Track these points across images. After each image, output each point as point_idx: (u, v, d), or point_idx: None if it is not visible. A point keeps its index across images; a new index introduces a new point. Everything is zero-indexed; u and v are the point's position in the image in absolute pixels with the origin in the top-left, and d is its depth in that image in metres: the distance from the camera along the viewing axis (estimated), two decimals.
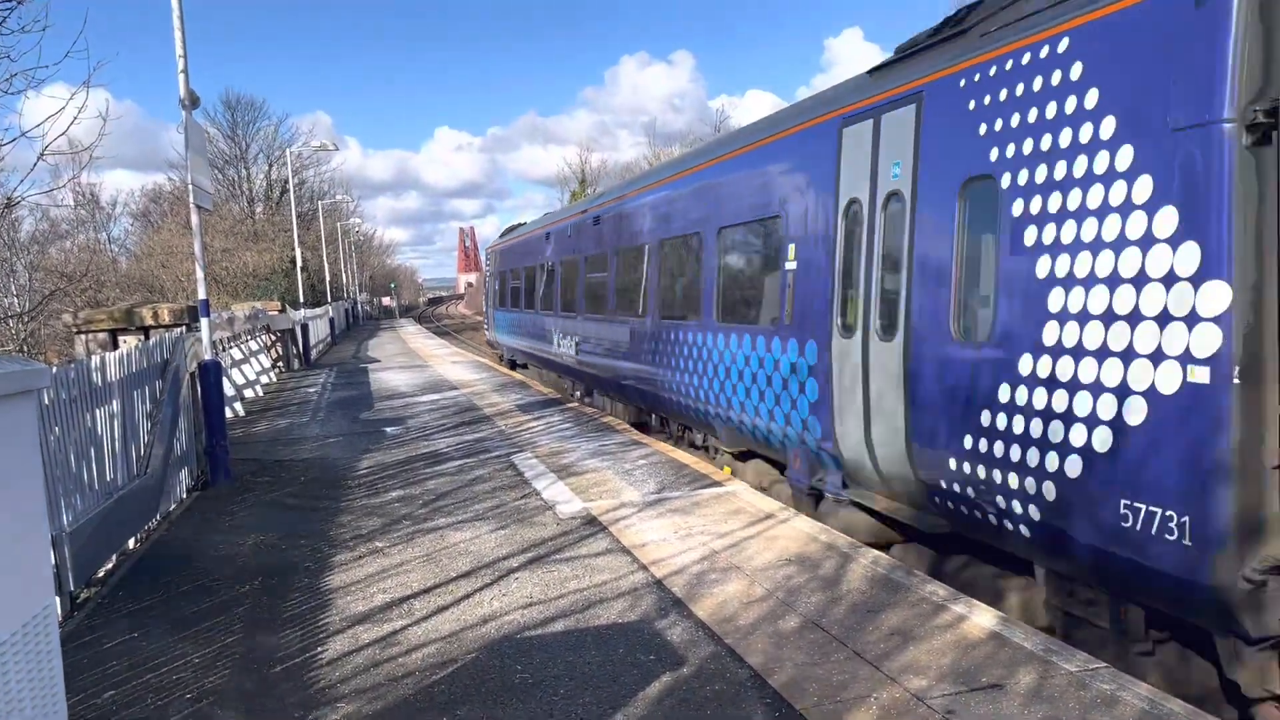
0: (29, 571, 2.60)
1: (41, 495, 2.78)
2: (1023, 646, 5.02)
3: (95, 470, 7.82)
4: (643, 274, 12.83)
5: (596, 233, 15.45)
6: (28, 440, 2.68)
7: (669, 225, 11.91)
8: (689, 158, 12.14)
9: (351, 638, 5.82)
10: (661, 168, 14.57)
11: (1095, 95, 5.13)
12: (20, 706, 2.49)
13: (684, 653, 5.26)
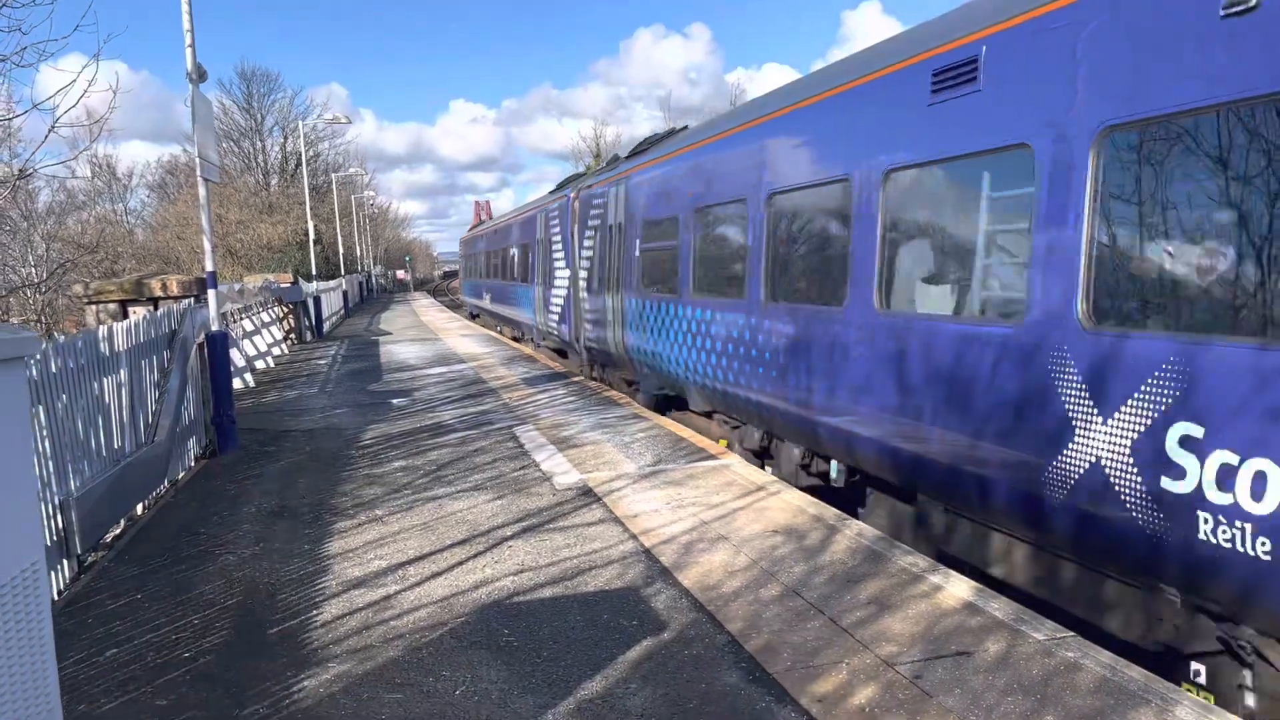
0: (16, 529, 2.75)
1: (30, 457, 2.92)
2: (994, 616, 5.15)
3: (103, 438, 8.01)
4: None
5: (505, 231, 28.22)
6: (17, 404, 2.82)
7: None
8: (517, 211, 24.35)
9: (346, 602, 6.00)
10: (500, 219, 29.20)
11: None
12: (7, 661, 2.64)
13: (666, 618, 5.41)
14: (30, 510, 2.91)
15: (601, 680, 4.69)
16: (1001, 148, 5.85)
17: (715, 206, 10.54)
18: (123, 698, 4.81)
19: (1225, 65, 4.41)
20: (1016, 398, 5.59)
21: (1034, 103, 5.58)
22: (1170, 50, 4.70)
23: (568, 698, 4.53)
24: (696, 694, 4.50)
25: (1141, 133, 4.92)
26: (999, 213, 6.17)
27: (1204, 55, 4.52)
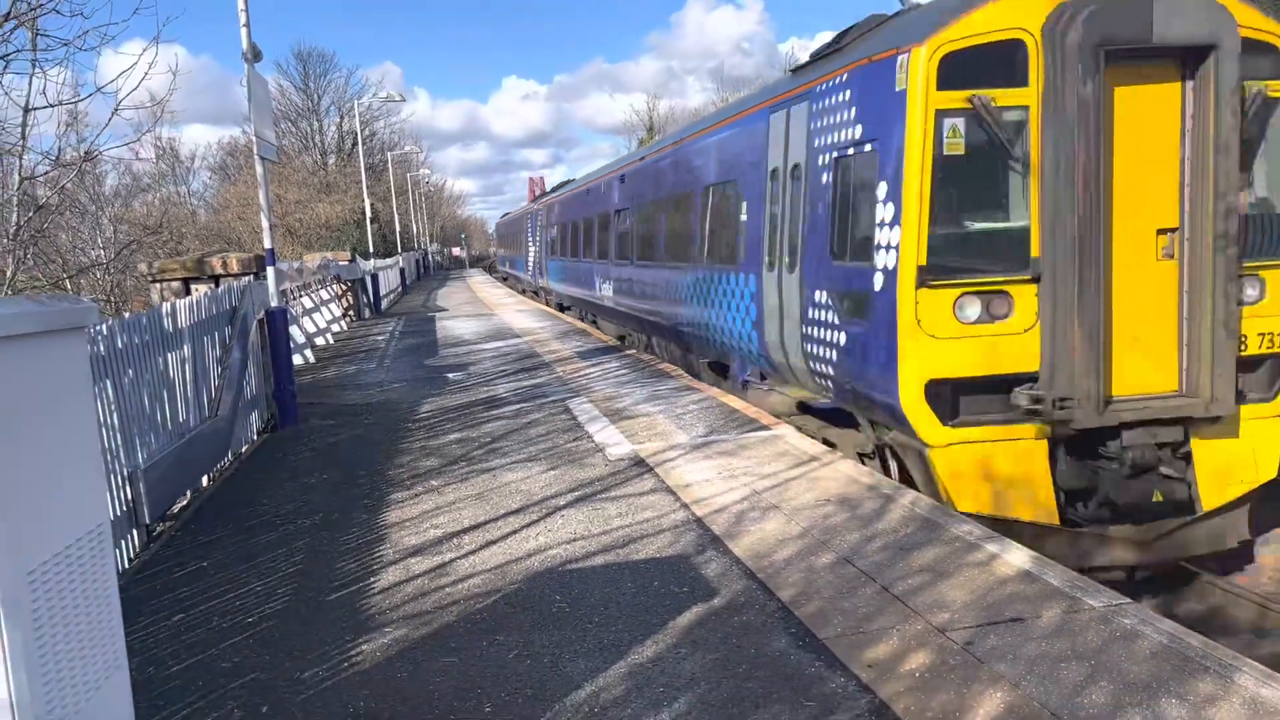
0: (80, 491, 2.84)
1: (93, 426, 3.01)
2: (1050, 584, 5.08)
3: (168, 411, 8.24)
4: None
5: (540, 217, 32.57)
6: (78, 370, 2.91)
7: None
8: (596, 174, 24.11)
9: (403, 569, 6.12)
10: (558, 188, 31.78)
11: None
12: (75, 617, 2.74)
13: (717, 586, 5.43)
14: (95, 475, 3.01)
15: (652, 645, 4.73)
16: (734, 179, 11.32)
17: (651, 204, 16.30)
18: (189, 660, 4.97)
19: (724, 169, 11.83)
20: (741, 301, 10.93)
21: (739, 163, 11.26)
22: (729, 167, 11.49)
23: (619, 662, 4.58)
24: (746, 659, 4.51)
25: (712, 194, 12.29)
26: (740, 210, 11.13)
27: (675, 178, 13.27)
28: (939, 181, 7.21)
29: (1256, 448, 7.59)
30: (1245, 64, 7.07)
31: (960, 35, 7.15)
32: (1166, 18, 6.86)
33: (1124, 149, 7.22)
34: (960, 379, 7.28)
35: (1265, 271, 7.47)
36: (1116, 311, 7.23)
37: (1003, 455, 7.33)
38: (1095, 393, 7.03)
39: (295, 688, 4.58)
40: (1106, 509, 7.50)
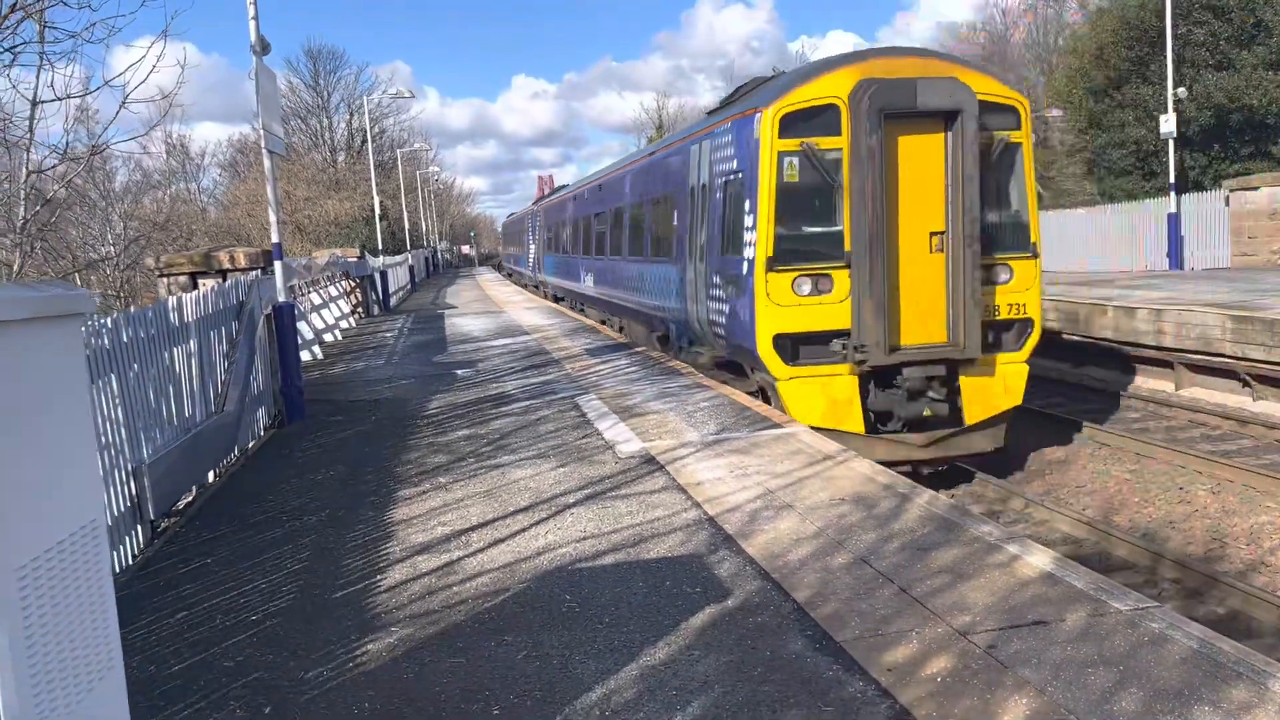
0: (74, 485, 2.73)
1: (88, 418, 2.90)
2: (1074, 586, 4.94)
3: (174, 407, 8.15)
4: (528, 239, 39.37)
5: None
6: (73, 360, 2.80)
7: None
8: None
9: (410, 567, 6.01)
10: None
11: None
12: (67, 616, 2.63)
13: (730, 586, 5.31)
14: (90, 469, 2.90)
15: (664, 647, 4.61)
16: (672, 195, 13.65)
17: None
18: (192, 659, 4.87)
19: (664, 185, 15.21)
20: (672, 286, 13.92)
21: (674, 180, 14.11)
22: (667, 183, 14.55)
23: (630, 664, 4.46)
24: (761, 661, 4.39)
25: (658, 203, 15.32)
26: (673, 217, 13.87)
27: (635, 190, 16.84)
28: (780, 200, 10.40)
29: (1008, 383, 10.90)
30: (991, 120, 10.39)
31: (795, 100, 10.37)
32: (926, 92, 9.97)
33: (906, 177, 10.29)
34: (797, 334, 10.45)
35: (1014, 262, 10.78)
36: (902, 288, 10.39)
37: (827, 386, 10.50)
38: (883, 342, 10.10)
39: (299, 688, 4.47)
40: (899, 423, 10.69)
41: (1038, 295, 10.97)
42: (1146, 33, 30.65)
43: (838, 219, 10.34)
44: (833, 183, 10.30)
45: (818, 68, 10.95)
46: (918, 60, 10.86)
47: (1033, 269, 10.91)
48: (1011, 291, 10.80)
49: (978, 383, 10.78)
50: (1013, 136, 10.77)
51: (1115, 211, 28.44)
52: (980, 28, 68.40)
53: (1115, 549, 9.44)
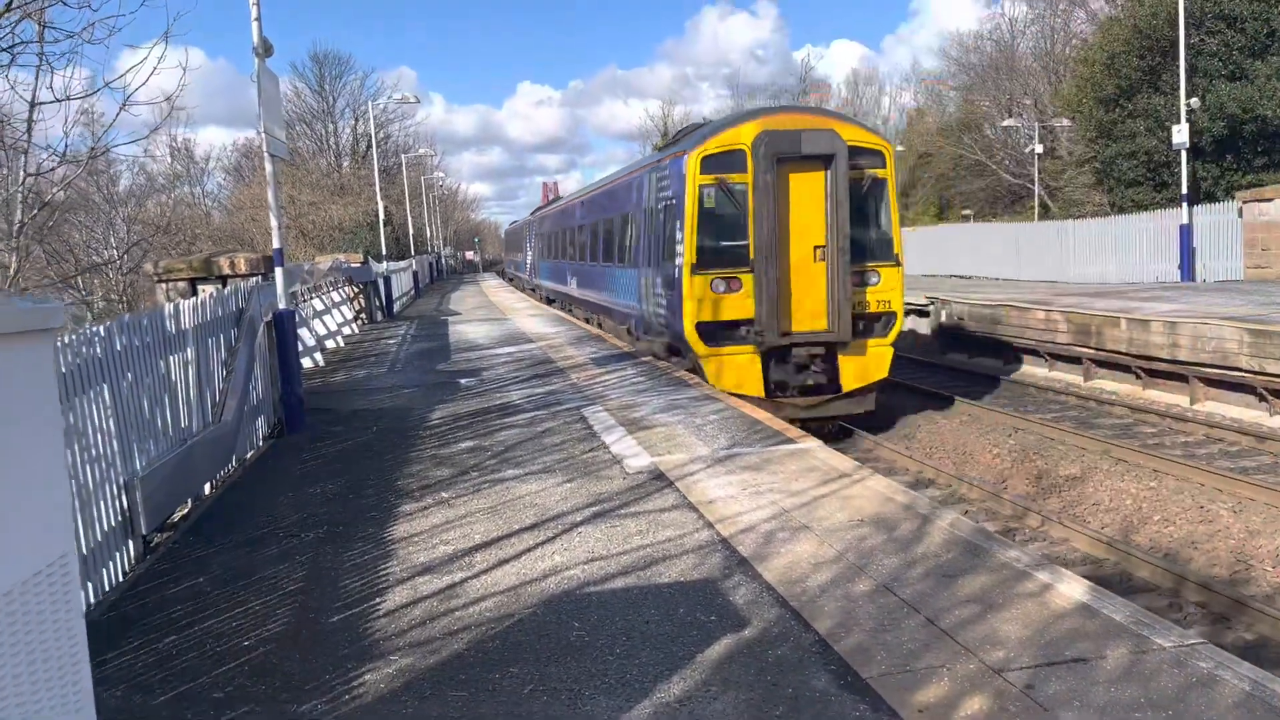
0: (40, 518, 2.48)
1: (58, 439, 2.65)
2: (1112, 619, 4.68)
3: (169, 417, 7.90)
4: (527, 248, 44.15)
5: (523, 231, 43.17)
6: (40, 380, 2.55)
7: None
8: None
9: (411, 589, 5.75)
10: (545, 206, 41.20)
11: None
12: (30, 663, 2.38)
13: (747, 615, 5.04)
14: (59, 500, 2.64)
15: (679, 682, 4.34)
16: (666, 206, 14.54)
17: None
18: (180, 687, 4.61)
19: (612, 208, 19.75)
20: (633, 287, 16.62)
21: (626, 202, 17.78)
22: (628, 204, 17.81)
23: (643, 700, 4.19)
24: (783, 699, 4.13)
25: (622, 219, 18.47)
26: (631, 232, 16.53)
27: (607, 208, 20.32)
28: (701, 221, 13.53)
29: (877, 361, 14.06)
30: (862, 160, 13.57)
31: (712, 147, 13.56)
32: (808, 141, 13.18)
33: (795, 204, 13.39)
34: (714, 322, 13.42)
35: (881, 269, 13.85)
36: (793, 288, 13.50)
37: (736, 361, 13.52)
38: (776, 329, 13.34)
39: None
40: (791, 390, 13.80)
41: (900, 295, 14.09)
42: (1158, 42, 30.40)
43: (744, 235, 13.40)
44: (740, 208, 13.38)
45: (731, 120, 14.65)
46: (805, 116, 14.38)
47: (896, 274, 14.00)
48: (879, 292, 13.93)
49: (852, 360, 13.96)
50: (879, 173, 13.91)
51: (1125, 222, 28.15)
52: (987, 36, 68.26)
53: (1137, 570, 9.16)
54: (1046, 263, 30.35)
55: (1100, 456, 12.59)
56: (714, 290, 13.36)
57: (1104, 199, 35.83)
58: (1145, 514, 10.59)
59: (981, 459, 13.48)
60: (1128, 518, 10.65)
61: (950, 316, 22.99)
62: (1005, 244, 32.84)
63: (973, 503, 11.63)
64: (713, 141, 13.64)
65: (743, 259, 13.33)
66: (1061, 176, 48.43)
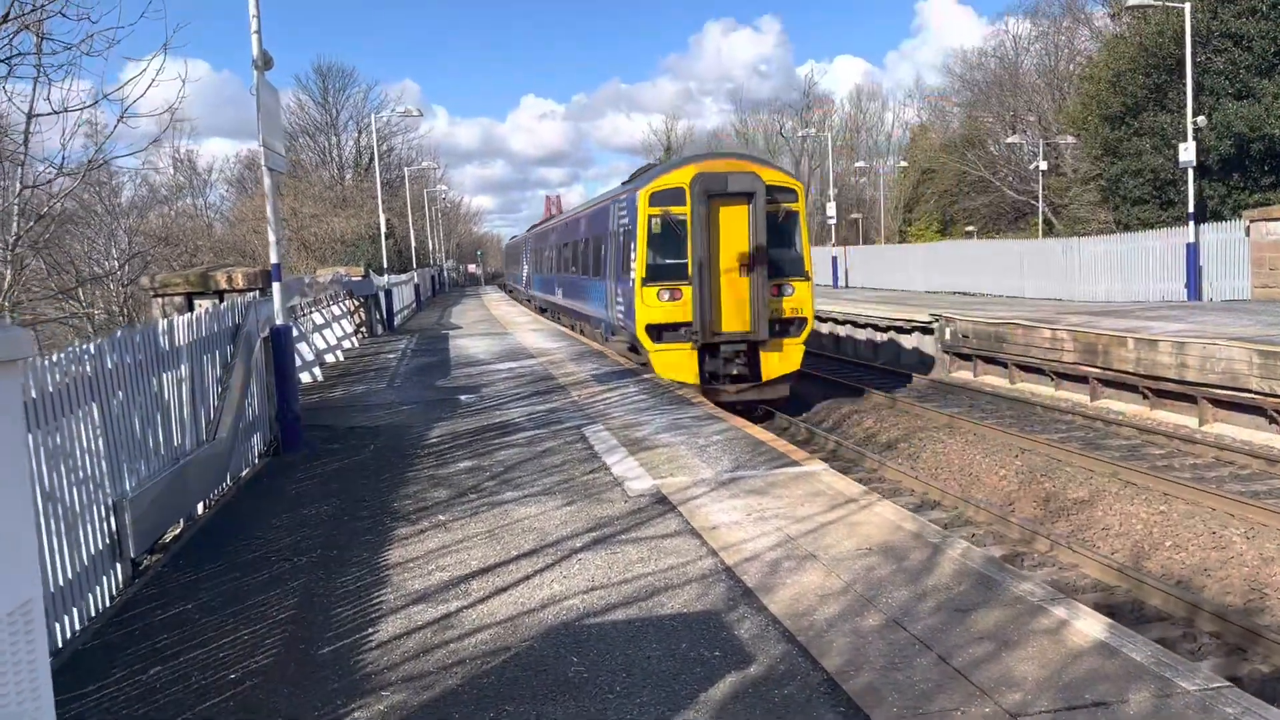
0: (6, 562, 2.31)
1: (23, 477, 2.48)
2: (1132, 659, 4.49)
3: (161, 435, 7.73)
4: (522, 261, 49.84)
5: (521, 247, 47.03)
6: (7, 416, 2.38)
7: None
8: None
9: (405, 619, 5.57)
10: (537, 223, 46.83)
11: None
12: None
13: (752, 650, 4.86)
14: (25, 542, 2.47)
15: None
16: (624, 231, 17.53)
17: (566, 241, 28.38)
18: None
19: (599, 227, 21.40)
20: (603, 296, 20.05)
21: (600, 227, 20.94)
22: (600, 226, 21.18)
23: None
24: None
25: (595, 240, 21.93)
26: (603, 251, 20.04)
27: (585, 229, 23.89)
28: (650, 244, 16.47)
29: (790, 357, 16.90)
30: (779, 196, 16.59)
31: (658, 185, 16.58)
32: (733, 182, 16.16)
33: (724, 231, 16.28)
34: (660, 324, 16.28)
35: (795, 283, 16.71)
36: (722, 297, 16.36)
37: (676, 355, 16.24)
38: (708, 329, 16.26)
39: None
40: (721, 379, 16.68)
41: (810, 303, 17.24)
42: (1165, 60, 30.31)
43: (684, 255, 16.52)
44: (680, 234, 16.49)
45: (674, 164, 18.36)
46: (733, 161, 17.88)
47: (807, 287, 17.10)
48: (793, 301, 16.92)
49: (770, 355, 16.89)
50: (793, 206, 17.11)
51: (1131, 240, 28.00)
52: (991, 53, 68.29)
53: (1149, 598, 8.97)
54: (1052, 280, 30.17)
55: (1109, 479, 12.39)
56: (660, 299, 16.56)
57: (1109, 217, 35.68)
58: (1156, 539, 10.40)
59: (988, 480, 13.30)
60: (1138, 543, 10.46)
61: (955, 334, 22.82)
62: (1010, 261, 32.67)
63: (979, 525, 11.45)
64: (659, 181, 16.89)
65: (683, 274, 16.49)
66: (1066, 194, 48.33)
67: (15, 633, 2.35)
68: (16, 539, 2.41)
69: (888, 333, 26.51)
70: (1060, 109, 54.28)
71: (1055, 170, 53.90)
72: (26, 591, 2.43)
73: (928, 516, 11.79)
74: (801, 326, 17.13)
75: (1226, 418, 15.33)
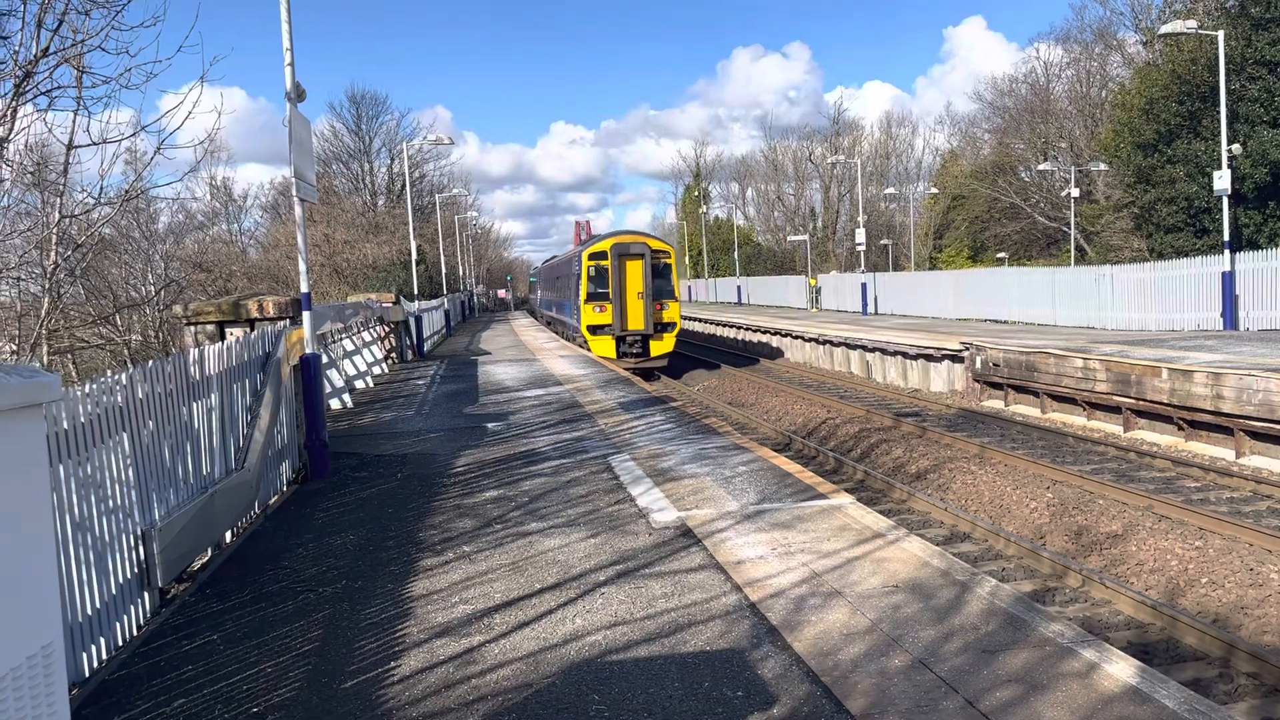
0: (24, 607, 2.33)
1: (46, 518, 2.51)
2: (1165, 706, 4.40)
3: (191, 464, 7.80)
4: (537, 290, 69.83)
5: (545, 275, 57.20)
6: (28, 459, 2.41)
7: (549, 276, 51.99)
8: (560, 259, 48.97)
9: (428, 653, 5.56)
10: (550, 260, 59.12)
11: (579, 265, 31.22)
12: None
13: (776, 691, 4.80)
14: (45, 585, 2.49)
15: None
16: (578, 274, 31.35)
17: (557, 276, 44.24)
18: None
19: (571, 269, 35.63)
20: (569, 310, 35.22)
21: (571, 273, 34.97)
22: (570, 268, 35.33)
23: None
24: None
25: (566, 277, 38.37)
26: (571, 285, 34.19)
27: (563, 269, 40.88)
28: (589, 281, 30.18)
29: (667, 343, 30.78)
30: (660, 256, 30.71)
31: (593, 249, 30.86)
32: (633, 248, 30.28)
33: (629, 274, 30.02)
34: (595, 325, 30.02)
35: (668, 303, 30.51)
36: (628, 310, 30.07)
37: (604, 341, 30.02)
38: (620, 327, 30.07)
39: None
40: (628, 355, 30.01)
41: (678, 314, 30.54)
42: (1198, 87, 30.08)
43: (608, 287, 29.71)
44: (605, 275, 29.72)
45: (603, 237, 33.49)
46: (634, 235, 31.27)
47: (676, 305, 30.40)
48: (668, 313, 30.29)
49: (654, 342, 30.20)
50: (668, 260, 30.62)
51: (1165, 268, 27.69)
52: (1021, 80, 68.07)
53: (1184, 636, 8.79)
54: (1084, 308, 29.87)
55: (1143, 512, 12.20)
56: (596, 312, 30.15)
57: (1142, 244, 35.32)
58: (1192, 576, 10.21)
59: (1018, 513, 13.13)
60: (1173, 579, 10.27)
61: (986, 363, 22.63)
62: (1042, 288, 32.39)
63: (1009, 559, 11.30)
64: (593, 247, 31.02)
65: (607, 297, 30.10)
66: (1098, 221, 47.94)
67: (35, 675, 2.37)
68: (39, 584, 2.43)
69: (917, 360, 26.34)
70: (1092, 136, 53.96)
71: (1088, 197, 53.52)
72: (47, 634, 2.45)
73: (957, 549, 11.65)
74: (672, 327, 30.83)
75: (1264, 450, 15.07)
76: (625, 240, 30.47)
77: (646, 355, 30.12)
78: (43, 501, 2.50)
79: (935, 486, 15.01)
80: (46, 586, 2.48)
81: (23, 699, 2.31)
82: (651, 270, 29.74)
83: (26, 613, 2.34)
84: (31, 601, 2.37)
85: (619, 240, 30.37)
